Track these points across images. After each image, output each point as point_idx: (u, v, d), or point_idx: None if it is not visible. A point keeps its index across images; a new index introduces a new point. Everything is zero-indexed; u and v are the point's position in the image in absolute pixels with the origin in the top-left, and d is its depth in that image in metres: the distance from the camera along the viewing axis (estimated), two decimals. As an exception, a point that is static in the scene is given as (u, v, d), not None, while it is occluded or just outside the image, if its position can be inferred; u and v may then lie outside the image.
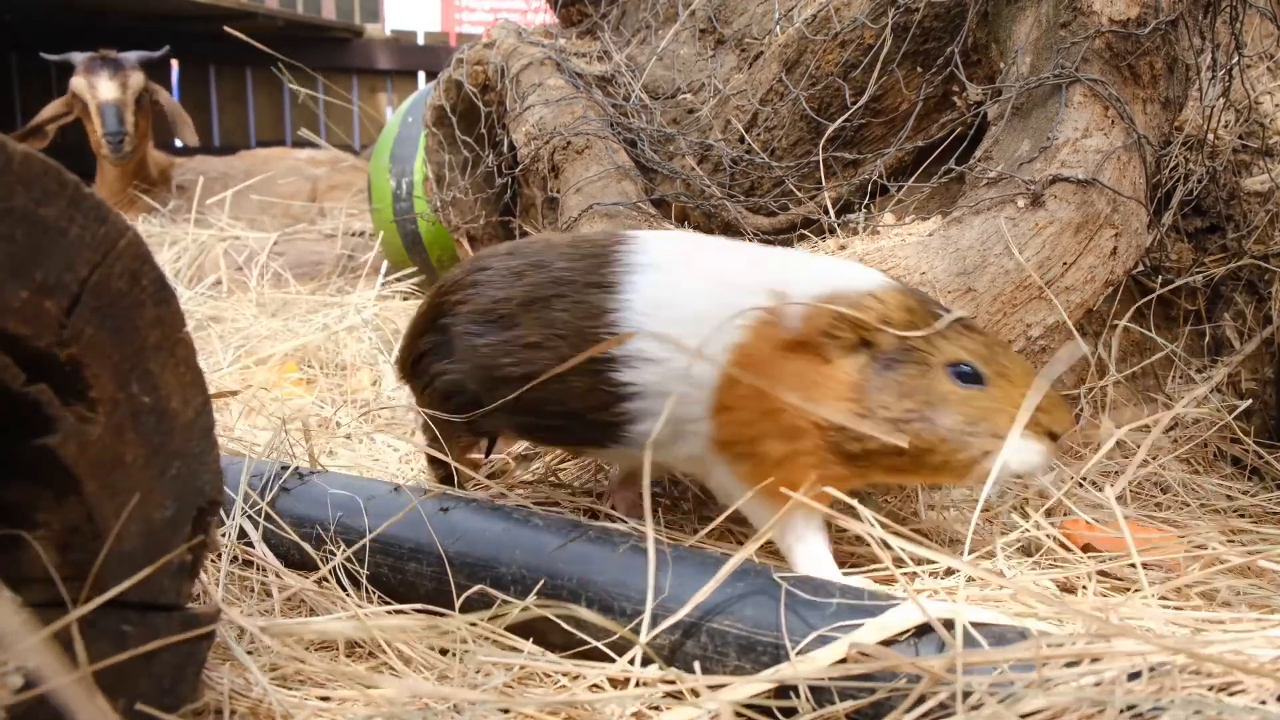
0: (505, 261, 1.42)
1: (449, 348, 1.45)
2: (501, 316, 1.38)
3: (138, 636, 0.88)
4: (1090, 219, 1.57)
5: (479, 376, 1.40)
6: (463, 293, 1.44)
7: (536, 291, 1.35)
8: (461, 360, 1.42)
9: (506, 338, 1.36)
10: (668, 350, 1.24)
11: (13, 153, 0.77)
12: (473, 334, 1.40)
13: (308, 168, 4.36)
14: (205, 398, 0.93)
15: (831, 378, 1.20)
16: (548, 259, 1.38)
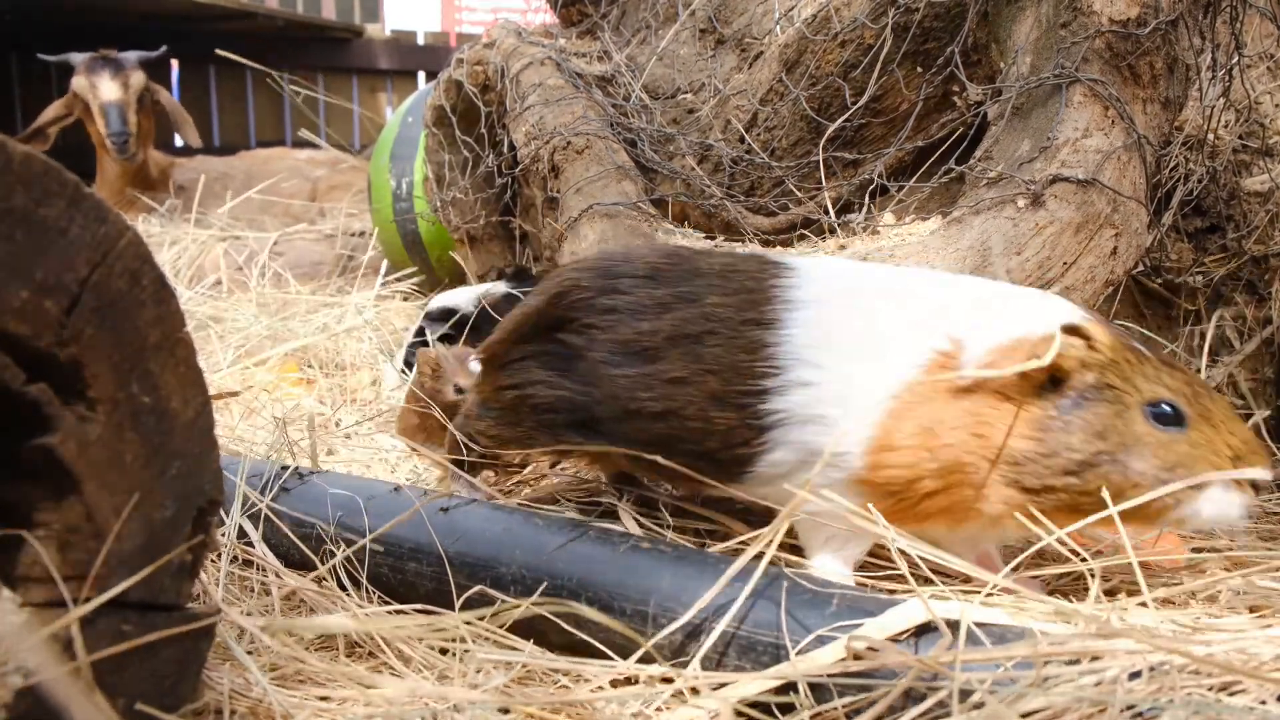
0: (648, 290, 1.33)
1: (568, 366, 1.37)
2: (645, 349, 1.30)
3: (138, 636, 0.88)
4: (1090, 219, 1.57)
5: (609, 406, 1.32)
6: (597, 316, 1.34)
7: (686, 327, 1.28)
8: (586, 384, 1.34)
9: (648, 371, 1.29)
10: (822, 380, 1.21)
11: (13, 153, 0.77)
12: (609, 363, 1.32)
13: (308, 168, 4.36)
14: (205, 398, 0.93)
15: (1010, 415, 1.15)
16: (698, 291, 1.31)
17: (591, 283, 1.37)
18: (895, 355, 1.20)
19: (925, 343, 1.20)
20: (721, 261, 1.36)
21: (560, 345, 1.38)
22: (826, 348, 1.22)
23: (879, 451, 1.18)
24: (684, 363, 1.27)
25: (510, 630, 1.20)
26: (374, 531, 1.33)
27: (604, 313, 1.34)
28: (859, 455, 1.19)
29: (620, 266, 1.38)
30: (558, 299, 1.39)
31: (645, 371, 1.29)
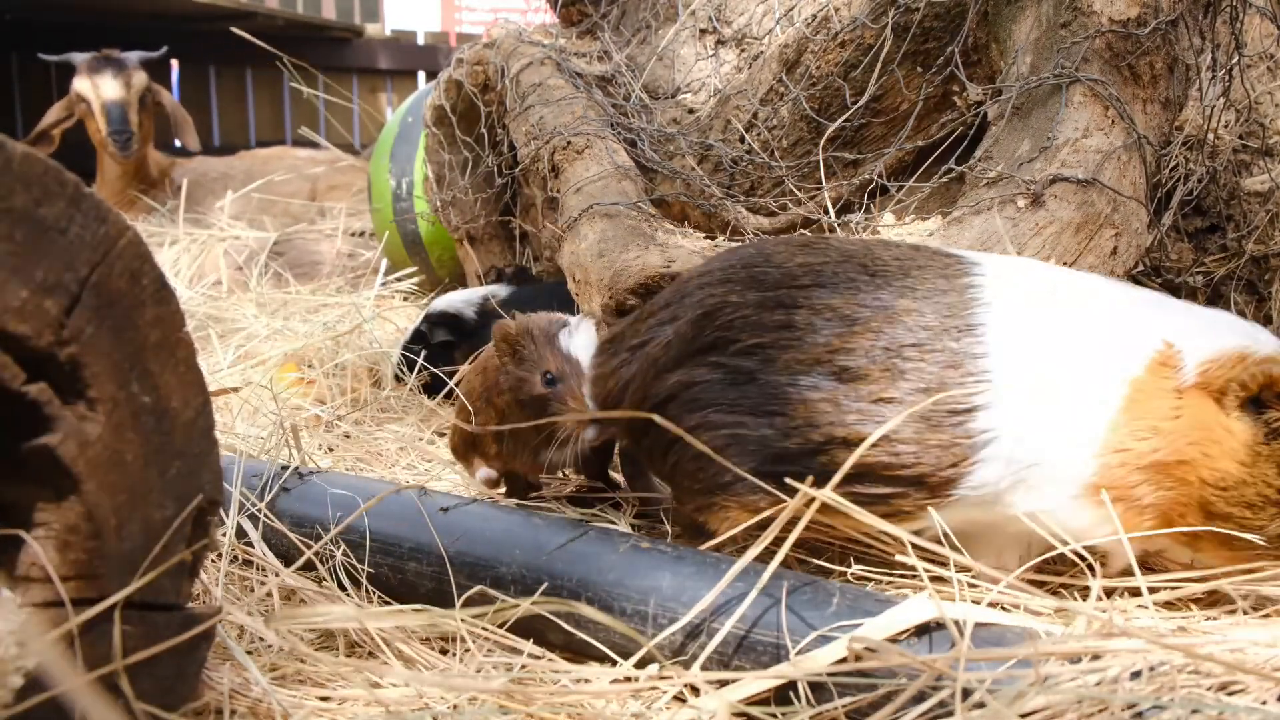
0: (824, 298, 1.21)
1: (742, 392, 1.20)
2: (844, 367, 1.17)
3: (138, 636, 0.88)
4: (1090, 219, 1.57)
5: (801, 436, 1.17)
6: (770, 334, 1.20)
7: (884, 339, 1.18)
8: (772, 412, 1.18)
9: (851, 393, 1.16)
10: (1038, 387, 1.14)
11: (13, 153, 0.77)
12: (802, 385, 1.17)
13: (308, 167, 4.36)
14: (205, 397, 0.93)
15: (1231, 433, 1.12)
16: (884, 298, 1.20)
17: (747, 296, 1.23)
18: (1116, 354, 1.15)
19: (1143, 342, 1.16)
20: (894, 258, 1.25)
21: (719, 371, 1.22)
22: (1038, 353, 1.16)
23: (1112, 452, 1.13)
24: (890, 379, 1.16)
25: (510, 630, 1.20)
26: (374, 532, 1.33)
27: (778, 329, 1.20)
28: (1088, 459, 1.14)
29: (772, 272, 1.24)
30: (706, 320, 1.23)
31: (849, 391, 1.17)
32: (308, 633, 1.21)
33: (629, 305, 1.67)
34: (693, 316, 1.25)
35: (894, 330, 1.18)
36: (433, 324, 2.31)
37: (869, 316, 1.19)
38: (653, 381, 1.26)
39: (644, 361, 1.28)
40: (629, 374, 1.30)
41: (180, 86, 6.32)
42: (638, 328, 1.33)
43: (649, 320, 1.31)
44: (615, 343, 1.36)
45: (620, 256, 1.70)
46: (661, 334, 1.28)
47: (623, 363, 1.32)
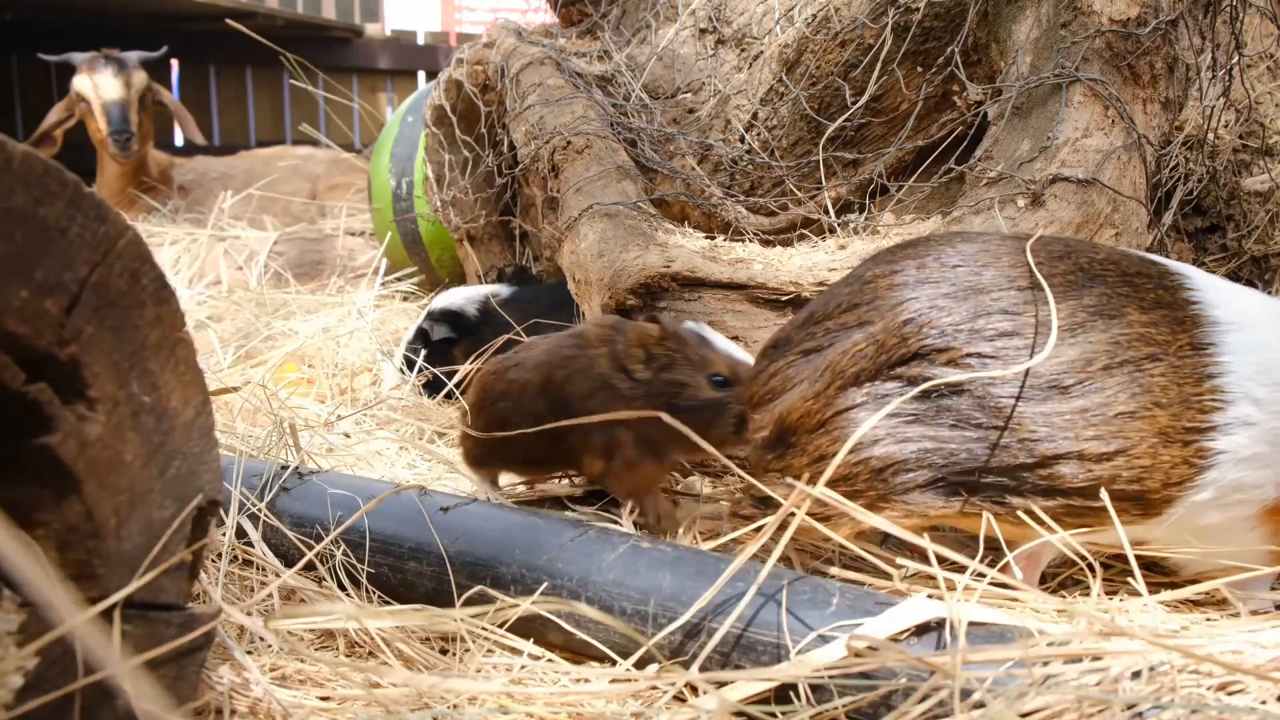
0: (1014, 300, 1.14)
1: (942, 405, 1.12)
2: (1078, 380, 1.11)
3: (138, 636, 0.88)
4: (1090, 219, 1.57)
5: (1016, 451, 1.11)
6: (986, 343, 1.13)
7: (1121, 351, 1.12)
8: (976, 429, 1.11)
9: (1087, 405, 1.10)
10: (1263, 417, 1.12)
11: (13, 152, 0.77)
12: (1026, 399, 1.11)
13: (308, 166, 4.36)
14: (205, 397, 0.93)
15: None
16: (1114, 306, 1.15)
17: (952, 305, 1.14)
18: None
19: None
20: (1112, 261, 1.19)
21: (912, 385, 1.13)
22: (1267, 380, 1.13)
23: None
24: (1129, 394, 1.11)
25: (510, 630, 1.20)
26: (374, 532, 1.33)
27: (997, 338, 1.12)
28: (1275, 484, 1.14)
29: (983, 274, 1.16)
30: (904, 328, 1.14)
31: (1083, 406, 1.10)
32: (308, 633, 1.21)
33: (629, 305, 1.67)
34: (889, 327, 1.15)
35: (1131, 342, 1.13)
36: (434, 320, 2.31)
37: (1099, 324, 1.13)
38: (837, 393, 1.16)
39: (824, 367, 1.18)
40: (800, 377, 1.20)
41: (180, 86, 6.32)
42: (812, 331, 1.22)
43: (826, 323, 1.21)
44: (783, 346, 1.25)
45: (620, 256, 1.71)
46: (848, 339, 1.18)
47: (789, 364, 1.22)
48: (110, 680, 0.85)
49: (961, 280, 1.16)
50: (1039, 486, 1.10)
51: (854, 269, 1.29)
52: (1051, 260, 1.17)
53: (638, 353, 1.40)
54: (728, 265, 1.67)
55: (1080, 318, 1.13)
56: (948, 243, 1.22)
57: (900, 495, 1.13)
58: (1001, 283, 1.15)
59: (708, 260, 1.67)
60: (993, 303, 1.14)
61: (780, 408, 1.20)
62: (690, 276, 1.65)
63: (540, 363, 1.50)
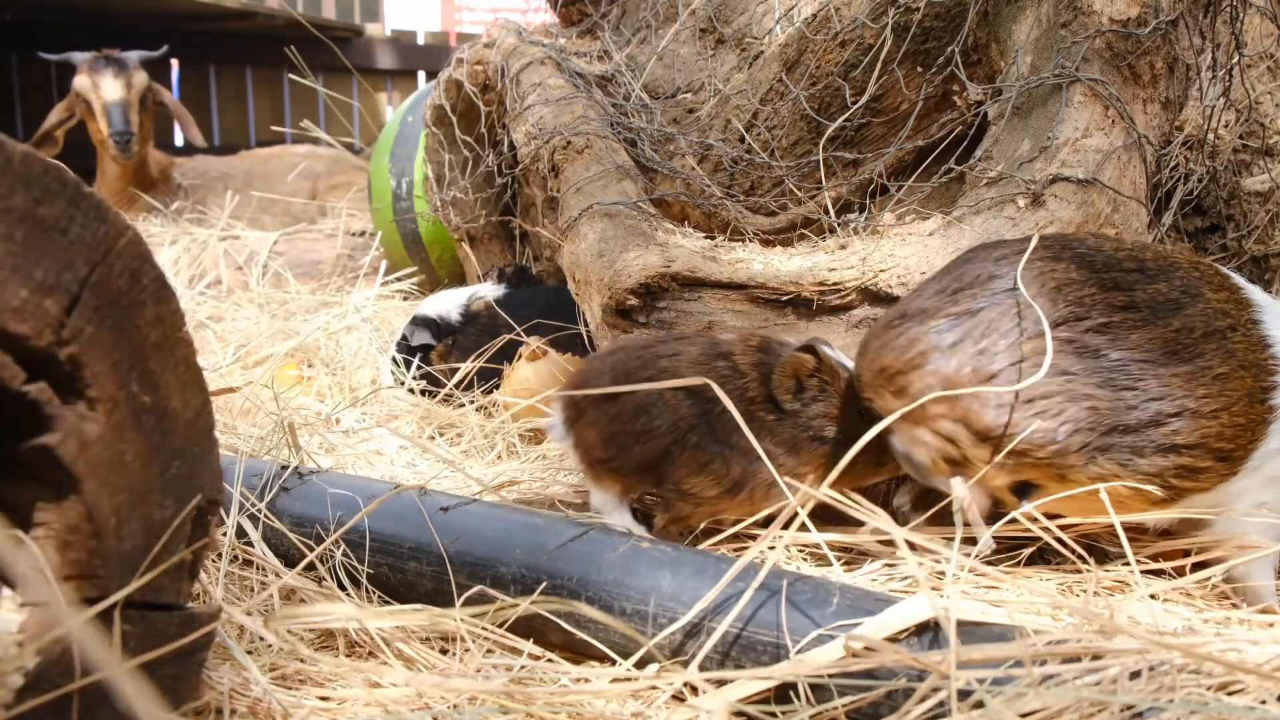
0: (1152, 284, 1.28)
1: (1089, 365, 1.23)
2: (1182, 346, 1.25)
3: (138, 636, 0.88)
4: (1090, 219, 1.57)
5: (1144, 410, 1.22)
6: (1117, 313, 1.25)
7: (1214, 322, 1.27)
8: (1116, 389, 1.23)
9: (1195, 369, 1.24)
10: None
11: (13, 152, 0.77)
12: (1151, 362, 1.23)
13: (308, 165, 4.36)
14: (205, 397, 0.93)
15: None
16: (1191, 285, 1.29)
17: (1088, 277, 1.27)
18: None
19: None
20: (1161, 254, 1.34)
21: (1070, 346, 1.24)
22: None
23: None
24: (1221, 359, 1.25)
25: (510, 630, 1.20)
26: (374, 532, 1.33)
27: (1123, 309, 1.26)
28: None
29: (1097, 255, 1.30)
30: (1057, 295, 1.26)
31: (1194, 369, 1.24)
32: (308, 633, 1.21)
33: (629, 305, 1.67)
34: (1045, 288, 1.26)
35: (1216, 314, 1.27)
36: (415, 326, 2.33)
37: (1190, 302, 1.27)
38: (991, 351, 1.25)
39: (977, 329, 1.26)
40: (950, 342, 1.26)
41: (180, 86, 6.32)
42: (956, 298, 1.29)
43: (960, 295, 1.28)
44: (915, 315, 1.30)
45: (620, 256, 1.70)
46: (998, 305, 1.26)
47: (934, 329, 1.27)
48: (109, 680, 0.85)
49: (1083, 259, 1.30)
50: (1161, 445, 1.22)
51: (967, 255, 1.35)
52: (1136, 250, 1.31)
53: (789, 383, 1.38)
54: (728, 265, 1.67)
55: (1174, 295, 1.28)
56: (1053, 234, 1.36)
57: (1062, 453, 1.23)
58: (1114, 264, 1.29)
59: (708, 260, 1.67)
60: (1113, 279, 1.28)
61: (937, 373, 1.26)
62: (690, 276, 1.65)
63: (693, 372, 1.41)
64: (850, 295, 1.60)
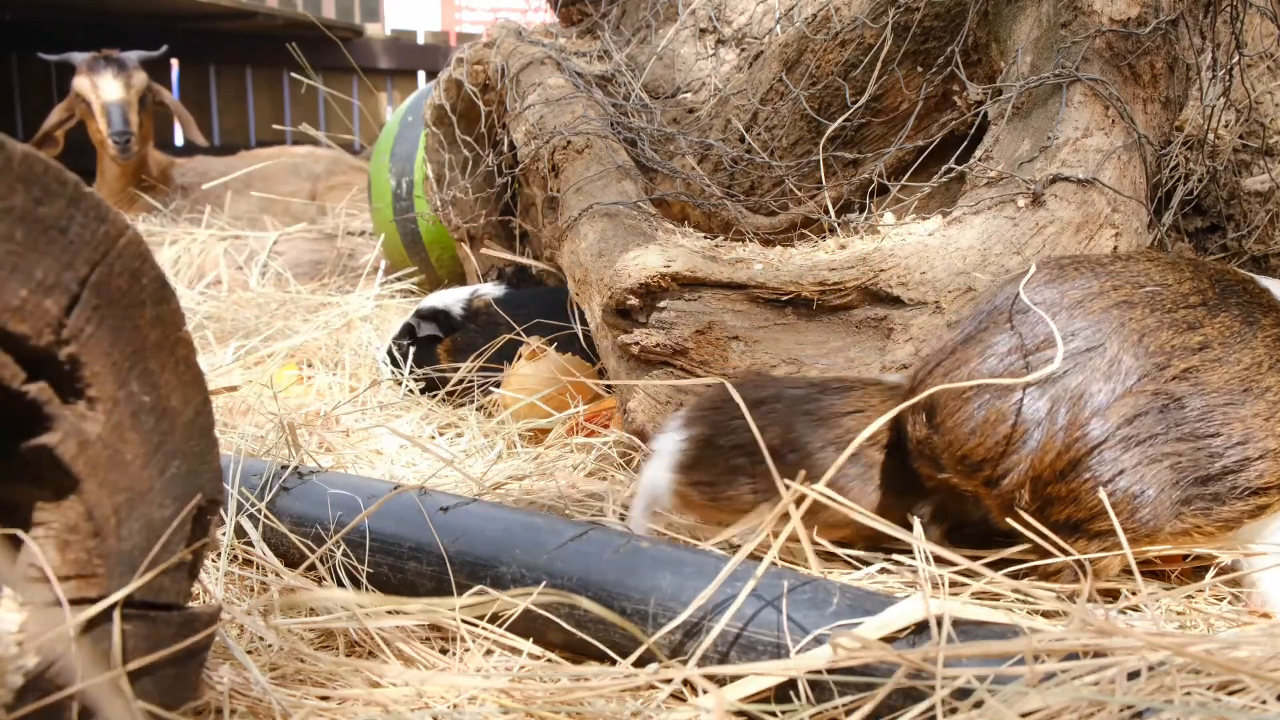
0: (1220, 319, 1.24)
1: (1174, 419, 1.18)
2: (1254, 382, 1.21)
3: (138, 636, 0.88)
4: (1090, 219, 1.57)
5: (1231, 455, 1.18)
6: (1194, 356, 1.20)
7: (1275, 350, 1.24)
8: (1204, 435, 1.18)
9: (1265, 406, 1.20)
10: None
11: (13, 151, 0.77)
12: (1233, 404, 1.19)
13: (308, 164, 4.36)
14: (205, 396, 0.93)
15: None
16: (1247, 311, 1.26)
17: (1163, 321, 1.21)
18: None
19: None
20: (1220, 271, 1.32)
21: (1157, 400, 1.19)
22: None
23: None
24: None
25: (510, 630, 1.20)
26: (374, 532, 1.33)
27: (1200, 350, 1.21)
28: None
29: (1163, 292, 1.24)
30: (1140, 345, 1.19)
31: (1268, 405, 1.20)
32: (308, 632, 1.21)
33: (629, 305, 1.67)
34: (1129, 341, 1.19)
35: (1273, 343, 1.24)
36: (421, 318, 2.33)
37: (1252, 334, 1.24)
38: (1086, 422, 1.17)
39: (1065, 398, 1.18)
40: (1039, 416, 1.18)
41: (180, 86, 6.32)
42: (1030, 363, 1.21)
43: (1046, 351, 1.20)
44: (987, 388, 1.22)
45: (620, 256, 1.70)
46: (1084, 362, 1.19)
47: (1015, 406, 1.19)
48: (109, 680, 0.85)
49: (1152, 299, 1.24)
50: (1245, 489, 1.19)
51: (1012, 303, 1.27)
52: (1193, 278, 1.27)
53: None
54: (728, 265, 1.67)
55: (1237, 327, 1.23)
56: (1106, 262, 1.30)
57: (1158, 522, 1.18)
58: (1181, 302, 1.24)
59: (708, 260, 1.67)
60: (1184, 319, 1.22)
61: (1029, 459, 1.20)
62: (690, 276, 1.65)
63: None
64: (850, 295, 1.60)
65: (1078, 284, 1.25)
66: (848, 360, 1.59)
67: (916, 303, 1.56)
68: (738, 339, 1.63)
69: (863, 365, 1.57)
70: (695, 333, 1.64)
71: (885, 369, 1.55)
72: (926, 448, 1.27)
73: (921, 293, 1.56)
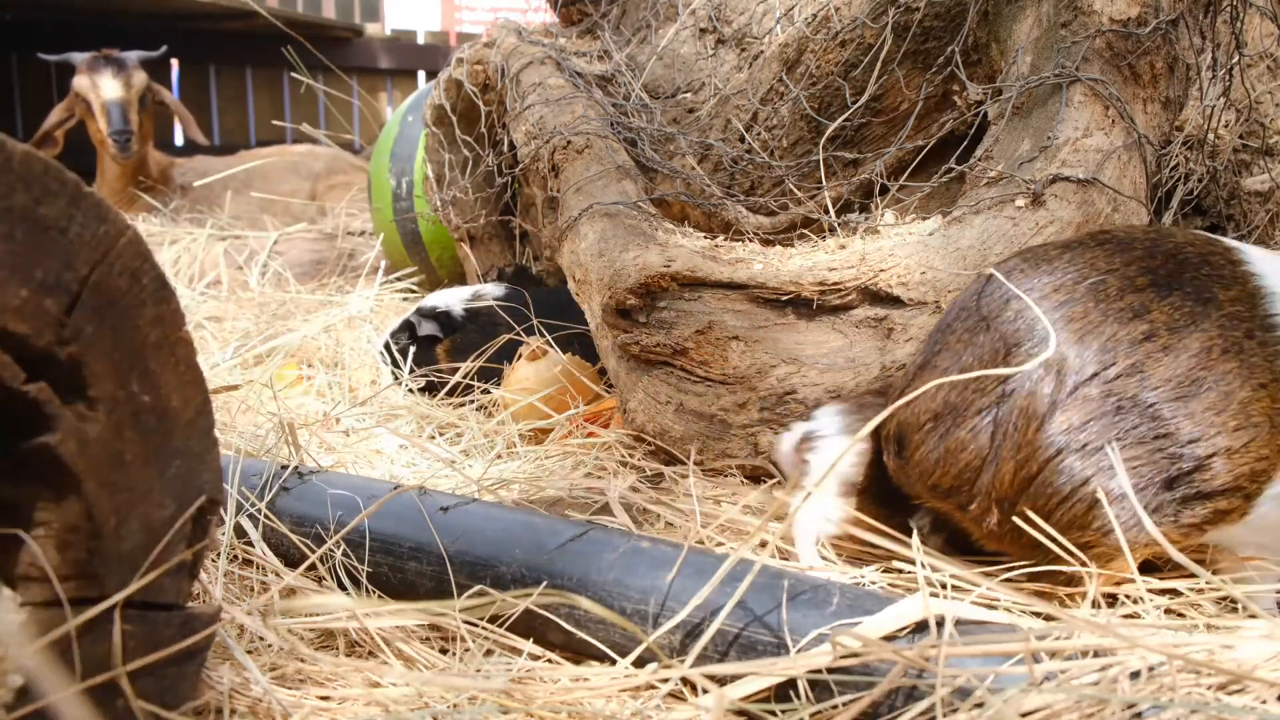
0: (1171, 300, 1.15)
1: (1128, 420, 1.10)
2: (1196, 379, 1.11)
3: (138, 636, 0.88)
4: (1091, 218, 1.57)
5: (1188, 455, 1.10)
6: (1140, 351, 1.12)
7: (1227, 333, 1.13)
8: (1160, 435, 1.10)
9: (1215, 398, 1.10)
10: None
11: (13, 151, 0.77)
12: (1183, 400, 1.10)
13: (307, 163, 4.36)
14: (205, 396, 0.93)
15: None
16: (1206, 291, 1.15)
17: (1104, 311, 1.16)
18: None
19: None
20: (1183, 242, 1.20)
21: (1107, 402, 1.12)
22: None
23: None
24: (1241, 379, 1.10)
25: (510, 630, 1.20)
26: (374, 532, 1.33)
27: (1145, 340, 1.14)
28: None
29: (1110, 280, 1.17)
30: (1082, 344, 1.14)
31: (1219, 397, 1.10)
32: (308, 632, 1.21)
33: (629, 304, 1.67)
34: (1069, 342, 1.13)
35: (1233, 325, 1.12)
36: (422, 317, 2.33)
37: (1205, 314, 1.12)
38: (1036, 434, 1.12)
39: (1015, 412, 1.13)
40: (991, 438, 1.15)
41: (180, 86, 6.32)
42: (981, 386, 1.16)
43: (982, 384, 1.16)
44: (947, 414, 1.18)
45: (620, 256, 1.70)
46: (1028, 378, 1.13)
47: (972, 433, 1.16)
48: (109, 680, 0.85)
49: (1096, 289, 1.15)
50: (1200, 493, 1.09)
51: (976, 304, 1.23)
52: (1147, 254, 1.17)
53: None
54: (728, 265, 1.67)
55: (1188, 307, 1.12)
56: (1052, 250, 1.22)
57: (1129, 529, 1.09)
58: (1129, 287, 1.14)
59: (708, 260, 1.67)
60: (1130, 307, 1.13)
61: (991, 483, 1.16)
62: (690, 276, 1.65)
63: None
64: (850, 295, 1.60)
65: (1025, 285, 1.19)
66: (848, 360, 1.59)
67: (916, 303, 1.56)
68: (738, 339, 1.63)
69: (863, 365, 1.58)
70: (695, 333, 1.64)
71: (885, 369, 1.55)
72: (901, 476, 1.26)
73: (921, 293, 1.56)
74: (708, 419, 1.65)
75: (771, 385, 1.60)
